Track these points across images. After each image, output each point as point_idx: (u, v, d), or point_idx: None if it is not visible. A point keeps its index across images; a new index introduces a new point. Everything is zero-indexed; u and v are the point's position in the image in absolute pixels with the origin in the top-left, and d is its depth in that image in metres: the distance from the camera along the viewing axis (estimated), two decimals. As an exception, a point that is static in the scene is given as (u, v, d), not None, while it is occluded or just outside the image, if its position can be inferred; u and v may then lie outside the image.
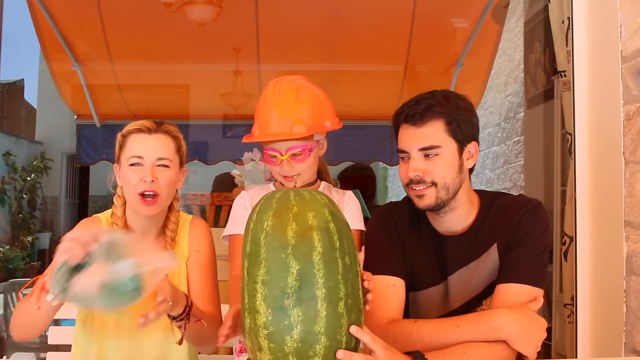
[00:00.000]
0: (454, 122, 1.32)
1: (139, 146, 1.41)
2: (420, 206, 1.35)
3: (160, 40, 4.22)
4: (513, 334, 1.20)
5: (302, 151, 1.48)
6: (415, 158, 1.32)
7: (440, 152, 1.31)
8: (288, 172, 1.49)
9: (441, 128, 1.31)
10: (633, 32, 1.67)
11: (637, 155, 1.65)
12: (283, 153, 1.47)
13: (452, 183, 1.33)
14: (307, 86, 1.53)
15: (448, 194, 1.33)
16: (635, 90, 1.66)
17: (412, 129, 1.32)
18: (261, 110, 1.51)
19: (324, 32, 4.31)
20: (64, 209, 9.90)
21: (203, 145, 5.07)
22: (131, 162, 1.40)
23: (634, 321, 1.63)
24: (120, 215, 1.46)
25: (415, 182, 1.33)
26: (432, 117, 1.31)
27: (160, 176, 1.40)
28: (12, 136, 9.18)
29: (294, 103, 1.48)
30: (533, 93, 4.06)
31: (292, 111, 1.47)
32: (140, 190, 1.39)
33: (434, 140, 1.31)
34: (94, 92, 4.72)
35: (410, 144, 1.33)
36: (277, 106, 1.48)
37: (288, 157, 1.47)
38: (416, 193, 1.34)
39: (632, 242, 1.65)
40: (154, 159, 1.40)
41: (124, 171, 1.42)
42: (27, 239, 8.43)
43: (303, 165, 1.49)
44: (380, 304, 1.31)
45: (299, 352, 0.96)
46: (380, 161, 5.31)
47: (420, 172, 1.31)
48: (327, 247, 0.97)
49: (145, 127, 1.43)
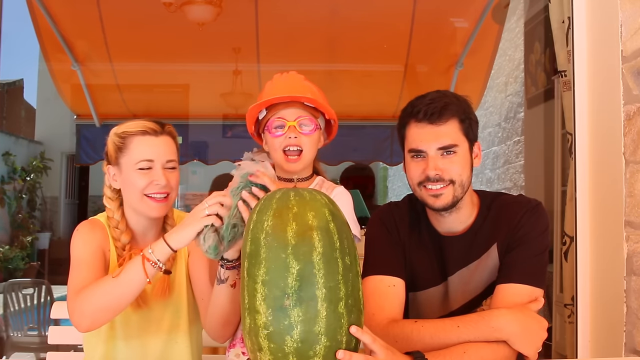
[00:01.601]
0: (467, 120, 1.33)
1: (147, 150, 1.38)
2: (437, 206, 1.33)
3: (160, 40, 4.22)
4: (513, 334, 1.20)
5: (310, 122, 1.49)
6: (434, 157, 1.31)
7: (457, 150, 1.32)
8: (293, 141, 1.48)
9: (457, 127, 1.32)
10: (633, 32, 1.67)
11: (637, 155, 1.65)
12: (291, 119, 1.48)
13: (467, 181, 1.34)
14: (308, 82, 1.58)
15: (463, 192, 1.33)
16: (635, 90, 1.66)
17: (430, 127, 1.31)
18: (267, 91, 1.54)
19: (324, 32, 4.31)
20: (64, 209, 9.91)
21: (203, 145, 5.08)
22: (140, 166, 1.37)
23: (634, 321, 1.63)
24: (119, 219, 1.44)
25: (432, 181, 1.32)
26: (451, 116, 1.31)
27: (170, 177, 1.40)
28: (12, 136, 9.18)
29: (302, 83, 1.53)
30: (533, 93, 4.06)
31: (302, 85, 1.52)
32: (150, 192, 1.38)
33: (453, 139, 1.31)
34: (94, 92, 4.72)
35: (427, 143, 1.32)
36: (286, 83, 1.52)
37: (296, 124, 1.47)
38: (433, 192, 1.33)
39: (632, 242, 1.65)
40: (163, 161, 1.39)
41: (128, 174, 1.39)
42: (27, 239, 8.43)
43: (308, 139, 1.49)
44: (381, 305, 1.31)
45: (299, 352, 0.95)
46: (380, 161, 5.31)
47: (439, 171, 1.31)
48: (327, 247, 0.97)
49: (151, 130, 1.39)
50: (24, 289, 3.98)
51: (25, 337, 3.82)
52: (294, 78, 1.55)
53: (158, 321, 1.43)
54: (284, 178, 1.53)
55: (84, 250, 1.37)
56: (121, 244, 1.43)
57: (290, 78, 1.55)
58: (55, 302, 2.24)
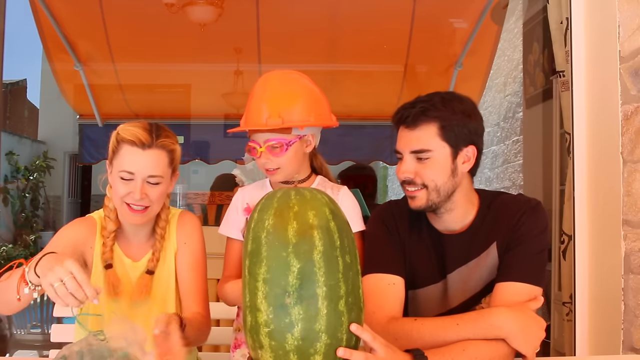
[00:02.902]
0: (448, 126, 1.31)
1: (130, 161, 1.37)
2: (412, 207, 1.37)
3: (162, 41, 4.23)
4: (512, 332, 1.21)
5: (278, 144, 1.47)
6: (407, 160, 1.34)
7: (431, 155, 1.32)
8: (266, 164, 1.50)
9: (434, 132, 1.31)
10: (631, 33, 1.69)
11: (635, 155, 1.66)
12: (261, 145, 1.48)
13: (444, 186, 1.33)
14: (298, 80, 1.53)
15: (439, 196, 1.34)
16: (633, 90, 1.68)
17: (406, 132, 1.34)
18: (249, 101, 1.54)
19: (325, 32, 4.31)
20: (67, 208, 9.91)
21: (204, 145, 5.08)
22: (122, 175, 1.38)
23: (632, 319, 1.64)
24: (112, 208, 1.46)
25: (407, 183, 1.35)
26: (425, 121, 1.31)
27: (150, 192, 1.39)
28: (15, 136, 9.19)
29: (274, 96, 1.49)
30: (532, 93, 4.07)
31: (270, 103, 1.48)
32: (128, 202, 1.39)
33: (425, 144, 1.32)
34: (96, 92, 4.72)
35: (402, 146, 1.35)
36: (258, 98, 1.50)
37: (265, 148, 1.48)
38: (408, 194, 1.37)
39: (630, 240, 1.66)
40: (145, 176, 1.38)
41: (114, 177, 1.40)
42: (30, 237, 8.44)
43: (281, 159, 1.49)
44: (381, 303, 1.32)
45: (300, 349, 0.96)
46: (381, 160, 5.32)
47: (410, 174, 1.33)
48: (327, 245, 0.98)
49: (140, 142, 1.37)
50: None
51: (29, 335, 3.84)
52: (271, 88, 1.51)
53: (144, 320, 1.41)
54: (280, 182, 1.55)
55: (52, 241, 1.40)
56: (107, 232, 1.46)
57: (266, 89, 1.51)
58: (58, 300, 2.25)
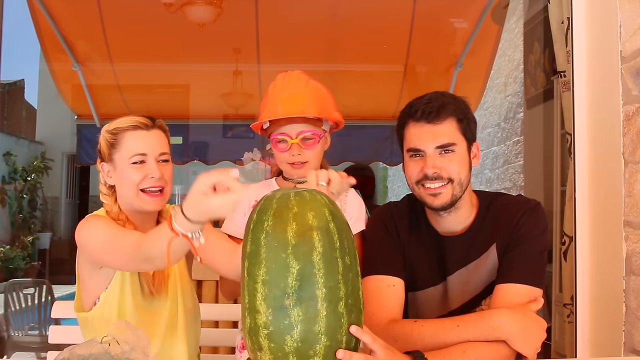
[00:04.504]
0: (464, 120, 1.34)
1: (139, 143, 1.39)
2: (435, 205, 1.34)
3: (161, 41, 4.23)
4: (512, 333, 1.20)
5: (312, 135, 1.49)
6: (432, 155, 1.33)
7: (455, 149, 1.33)
8: (297, 157, 1.49)
9: (454, 126, 1.33)
10: (632, 33, 1.68)
11: (636, 156, 1.65)
12: (293, 137, 1.48)
13: (466, 180, 1.35)
14: (313, 80, 1.56)
15: (461, 191, 1.34)
16: (634, 91, 1.67)
17: (428, 127, 1.33)
18: (271, 97, 1.52)
19: (324, 32, 4.31)
20: (65, 209, 9.92)
21: (203, 146, 5.09)
22: (134, 160, 1.38)
23: (633, 321, 1.63)
24: (118, 211, 1.43)
25: (431, 179, 1.33)
26: (448, 115, 1.33)
27: (164, 170, 1.40)
28: (13, 136, 9.20)
29: (305, 89, 1.51)
30: (533, 93, 4.07)
31: (303, 95, 1.49)
32: (146, 187, 1.38)
33: (451, 138, 1.33)
34: (94, 93, 4.72)
35: (425, 142, 1.33)
36: (288, 91, 1.50)
37: (299, 140, 1.47)
38: (431, 192, 1.34)
39: (631, 242, 1.66)
40: (156, 154, 1.40)
41: (123, 170, 1.39)
42: (28, 238, 8.45)
43: (312, 152, 1.50)
44: (380, 304, 1.32)
45: (299, 351, 0.96)
46: (380, 161, 5.32)
47: (437, 169, 1.32)
48: (327, 247, 0.98)
49: (142, 124, 1.40)
50: (24, 289, 4.00)
51: (26, 337, 3.84)
52: (296, 83, 1.52)
53: (157, 319, 1.42)
54: (291, 178, 1.55)
55: (107, 228, 1.33)
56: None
57: (292, 83, 1.52)
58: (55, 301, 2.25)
